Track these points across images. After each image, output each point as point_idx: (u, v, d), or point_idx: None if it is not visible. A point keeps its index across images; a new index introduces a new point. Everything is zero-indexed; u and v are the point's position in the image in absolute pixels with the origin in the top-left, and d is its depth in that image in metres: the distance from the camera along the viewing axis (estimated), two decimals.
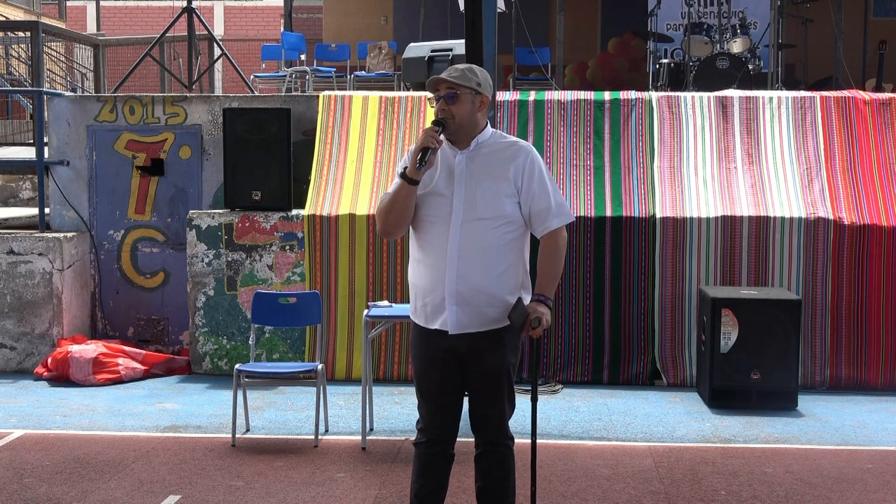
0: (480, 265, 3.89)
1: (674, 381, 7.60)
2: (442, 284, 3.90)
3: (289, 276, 7.87)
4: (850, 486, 5.37)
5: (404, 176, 3.89)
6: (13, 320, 8.11)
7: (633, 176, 7.95)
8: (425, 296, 3.98)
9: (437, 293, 3.93)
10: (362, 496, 5.17)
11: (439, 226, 3.92)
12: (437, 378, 4.02)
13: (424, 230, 3.97)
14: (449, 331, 3.93)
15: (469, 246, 3.89)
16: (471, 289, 3.90)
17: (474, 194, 3.92)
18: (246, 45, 19.97)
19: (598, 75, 13.77)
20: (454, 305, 3.91)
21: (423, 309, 4.01)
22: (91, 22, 22.41)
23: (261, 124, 8.01)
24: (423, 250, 3.98)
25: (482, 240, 3.90)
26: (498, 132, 4.13)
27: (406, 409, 6.92)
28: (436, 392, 4.04)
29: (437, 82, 3.98)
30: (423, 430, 4.09)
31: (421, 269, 3.99)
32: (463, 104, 3.95)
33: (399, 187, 3.92)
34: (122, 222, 8.57)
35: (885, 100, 8.20)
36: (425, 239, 3.97)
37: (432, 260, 3.93)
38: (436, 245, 3.92)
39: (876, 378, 7.58)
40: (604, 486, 5.35)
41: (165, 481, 5.38)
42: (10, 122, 12.35)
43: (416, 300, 4.04)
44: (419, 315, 4.04)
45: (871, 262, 7.58)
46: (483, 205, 3.91)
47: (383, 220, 3.99)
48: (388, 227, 4.01)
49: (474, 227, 3.90)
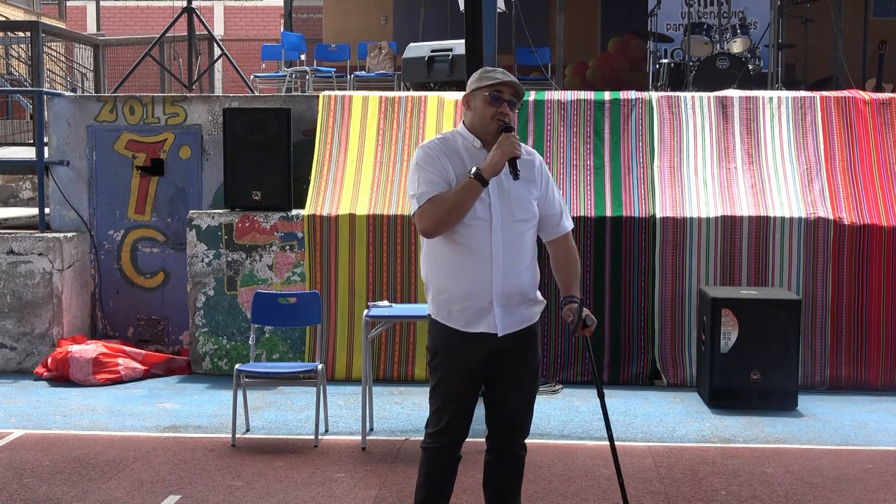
0: (518, 266, 3.92)
1: (674, 381, 7.60)
2: (488, 287, 3.87)
3: (289, 276, 7.87)
4: (850, 486, 5.37)
5: (479, 177, 3.82)
6: (13, 320, 8.11)
7: (633, 176, 7.95)
8: (465, 299, 3.90)
9: (481, 296, 3.88)
10: (362, 496, 5.17)
11: (481, 229, 3.88)
12: (469, 382, 3.97)
13: (465, 233, 3.88)
14: (498, 333, 3.90)
15: (510, 248, 3.90)
16: (514, 289, 3.91)
17: (509, 197, 3.92)
18: (246, 45, 19.98)
19: (598, 75, 13.77)
20: (500, 308, 3.89)
21: (461, 313, 3.92)
22: (91, 22, 22.40)
23: (261, 124, 8.01)
24: (460, 254, 3.90)
25: (518, 241, 3.93)
26: None
27: (406, 409, 6.93)
28: (466, 395, 3.98)
29: (507, 85, 3.93)
30: (441, 433, 3.99)
31: (459, 273, 3.91)
32: (514, 113, 4.00)
33: (471, 188, 3.82)
34: (122, 222, 8.57)
35: (885, 100, 8.20)
36: (465, 242, 3.89)
37: (475, 263, 3.88)
38: (478, 248, 3.88)
39: (876, 378, 7.58)
40: (604, 486, 5.35)
41: (165, 481, 5.38)
42: (10, 122, 12.36)
43: (451, 304, 3.93)
44: (455, 319, 3.94)
45: (871, 262, 7.58)
46: (518, 207, 3.93)
47: (441, 219, 3.84)
48: (442, 227, 3.86)
49: (513, 228, 3.91)
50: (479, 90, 3.94)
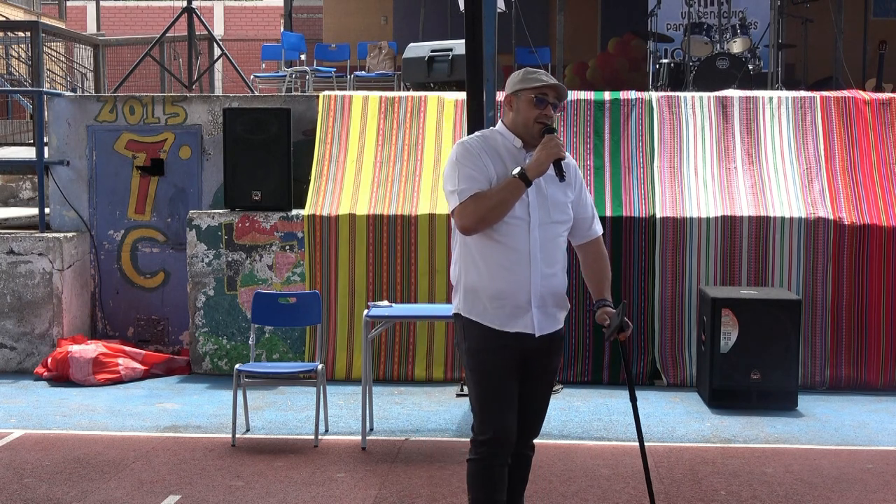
0: (554, 267, 3.92)
1: (674, 381, 7.60)
2: (526, 287, 3.85)
3: (289, 276, 7.87)
4: (850, 486, 5.37)
5: (524, 177, 3.80)
6: (13, 320, 8.11)
7: (633, 176, 7.95)
8: (502, 298, 3.87)
9: (519, 295, 3.86)
10: (362, 496, 5.17)
11: (520, 228, 3.86)
12: (510, 381, 3.92)
13: (503, 231, 3.86)
14: (535, 333, 3.88)
15: (546, 248, 3.89)
16: (550, 290, 3.91)
17: (546, 198, 3.91)
18: (246, 45, 19.97)
19: (598, 75, 13.77)
20: (537, 308, 3.88)
21: (498, 311, 3.88)
22: (91, 22, 22.40)
23: (261, 124, 8.01)
24: (498, 252, 3.87)
25: (553, 242, 3.92)
26: None
27: (406, 409, 6.93)
28: (511, 393, 3.92)
29: (553, 88, 3.92)
30: (495, 440, 3.86)
31: (496, 272, 3.87)
32: (557, 115, 4.00)
33: (515, 188, 3.80)
34: (122, 222, 8.57)
35: (885, 100, 8.20)
36: (503, 241, 3.86)
37: (513, 262, 3.86)
38: (517, 247, 3.86)
39: (876, 378, 7.58)
40: (604, 486, 5.35)
41: (165, 481, 5.38)
42: (10, 122, 12.36)
43: (487, 303, 3.89)
44: (492, 318, 3.89)
45: (871, 262, 7.58)
46: (554, 208, 3.93)
47: (482, 217, 3.80)
48: (482, 224, 3.82)
49: (550, 229, 3.91)
50: (523, 91, 3.92)
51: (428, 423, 6.57)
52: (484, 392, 3.91)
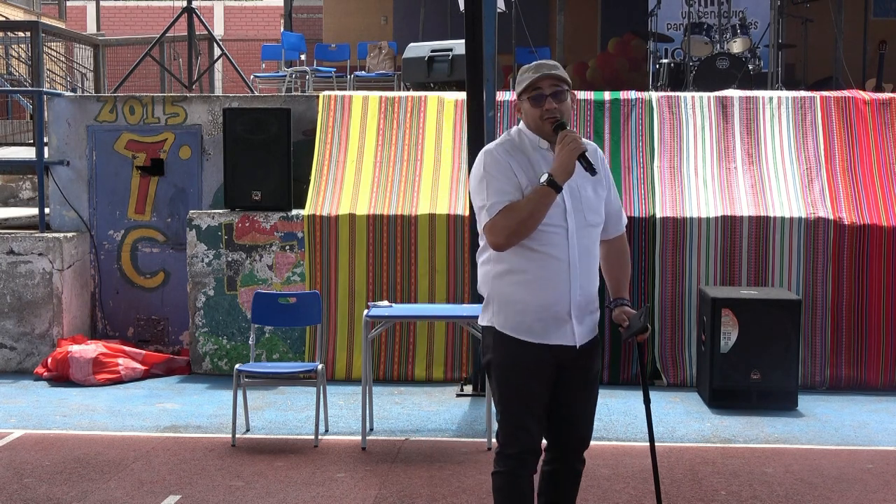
0: (591, 274, 3.75)
1: (674, 381, 7.59)
2: (566, 297, 3.66)
3: (289, 276, 7.87)
4: (850, 486, 5.37)
5: (553, 184, 3.58)
6: (13, 320, 8.11)
7: (633, 176, 7.95)
8: (542, 311, 3.67)
9: (559, 307, 3.67)
10: (362, 496, 5.17)
11: (559, 236, 3.66)
12: (545, 392, 3.74)
13: (542, 240, 3.65)
14: (577, 345, 3.71)
15: (584, 255, 3.70)
16: (586, 299, 3.73)
17: (580, 200, 3.71)
18: (246, 45, 19.97)
19: (598, 75, 13.76)
20: (576, 318, 3.70)
21: (536, 325, 3.68)
22: (91, 22, 22.41)
23: (261, 124, 8.01)
24: (538, 263, 3.67)
25: (591, 246, 3.74)
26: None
27: (406, 409, 6.93)
28: (541, 407, 3.75)
29: (543, 78, 3.69)
30: (522, 454, 3.73)
31: (536, 283, 3.67)
32: (567, 101, 3.72)
33: (545, 196, 3.59)
34: (122, 222, 8.57)
35: (885, 100, 8.20)
36: (544, 250, 3.66)
37: (552, 272, 3.66)
38: (558, 256, 3.66)
39: (876, 378, 7.57)
40: (604, 486, 5.35)
41: (165, 481, 5.38)
42: (10, 122, 12.35)
43: (522, 315, 3.69)
44: (528, 332, 3.70)
45: (871, 262, 7.57)
46: (589, 210, 3.72)
47: (514, 231, 3.61)
48: (514, 239, 3.63)
49: (585, 234, 3.71)
50: (521, 95, 3.75)
51: (428, 423, 6.57)
52: (515, 407, 3.74)
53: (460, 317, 6.29)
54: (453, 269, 7.75)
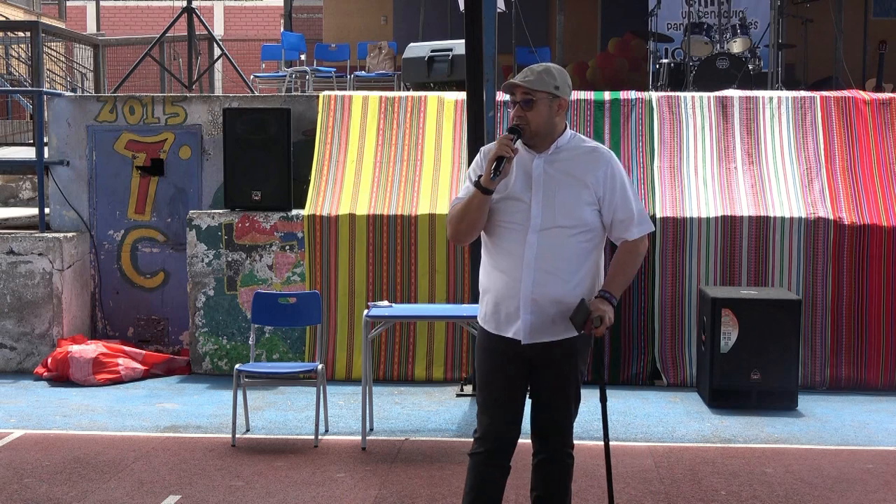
0: (557, 274, 3.78)
1: (674, 381, 7.59)
2: (517, 293, 3.78)
3: (289, 276, 7.87)
4: (850, 486, 5.37)
5: (478, 185, 3.74)
6: (13, 320, 8.11)
7: (633, 176, 7.95)
8: (498, 303, 3.85)
9: (511, 301, 3.81)
10: (362, 496, 5.17)
11: (516, 232, 3.79)
12: (503, 384, 3.91)
13: (500, 236, 3.83)
14: (522, 340, 3.82)
15: (546, 254, 3.77)
16: (546, 298, 3.78)
17: (553, 200, 3.78)
18: (246, 45, 19.97)
19: (598, 75, 13.76)
20: (528, 314, 3.79)
21: (494, 316, 3.88)
22: (91, 22, 22.42)
23: (261, 124, 8.01)
24: (497, 256, 3.85)
25: (560, 248, 3.78)
26: (578, 135, 3.96)
27: (406, 409, 6.93)
28: (500, 400, 3.90)
29: (513, 87, 3.82)
30: (483, 438, 3.92)
31: (495, 276, 3.87)
32: (539, 110, 3.80)
33: (472, 196, 3.78)
34: (122, 222, 8.57)
35: (885, 100, 8.20)
36: (501, 245, 3.83)
37: (507, 267, 3.81)
38: (512, 252, 3.79)
39: (876, 378, 7.58)
40: (603, 486, 5.31)
41: (165, 481, 5.38)
42: (10, 122, 12.35)
43: (487, 306, 3.91)
44: (489, 322, 3.92)
45: (871, 262, 7.57)
46: (562, 211, 3.78)
47: (454, 228, 3.87)
48: (459, 235, 3.88)
49: (552, 234, 3.77)
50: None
51: (428, 423, 6.58)
52: (480, 392, 4.00)
53: (460, 317, 6.29)
54: (453, 269, 7.75)
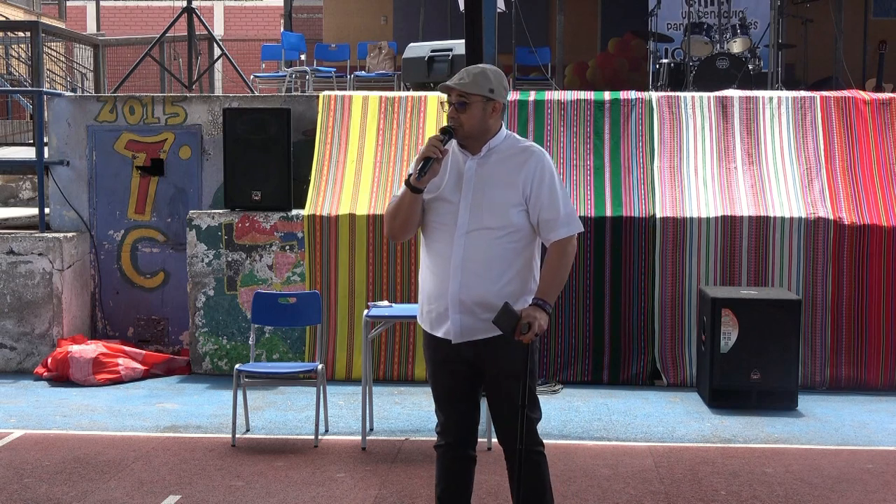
0: (484, 275, 3.80)
1: (674, 381, 7.59)
2: (446, 293, 3.83)
3: (289, 276, 7.87)
4: (850, 486, 5.37)
5: (408, 183, 3.81)
6: (13, 320, 8.11)
7: (633, 176, 7.95)
8: (430, 302, 3.92)
9: (441, 301, 3.86)
10: (362, 496, 5.17)
11: (445, 233, 3.84)
12: (446, 382, 3.98)
13: (431, 237, 3.91)
14: (452, 340, 3.87)
15: (474, 255, 3.80)
16: (473, 299, 3.81)
17: (481, 202, 3.81)
18: (246, 45, 19.97)
19: (598, 75, 13.77)
20: (457, 314, 3.83)
21: (428, 315, 3.95)
22: (91, 22, 22.42)
23: (261, 124, 8.01)
24: (429, 257, 3.93)
25: (487, 249, 3.80)
26: (513, 136, 3.97)
27: (406, 409, 6.93)
28: (447, 396, 4.00)
29: (448, 89, 3.87)
30: (444, 432, 4.03)
31: (427, 276, 3.94)
32: (473, 112, 3.82)
33: (403, 194, 3.86)
34: (122, 222, 8.57)
35: (885, 100, 8.20)
36: (432, 246, 3.91)
37: (437, 267, 3.87)
38: (441, 252, 3.85)
39: (876, 378, 7.57)
40: (604, 486, 5.35)
41: (165, 481, 5.38)
42: (10, 122, 12.36)
43: (423, 306, 3.98)
44: (425, 321, 3.99)
45: (871, 262, 7.57)
46: (489, 213, 3.81)
47: (389, 225, 3.96)
48: (393, 232, 3.95)
49: (479, 236, 3.80)
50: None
51: (428, 423, 6.57)
52: (432, 390, 4.07)
53: None
54: None
